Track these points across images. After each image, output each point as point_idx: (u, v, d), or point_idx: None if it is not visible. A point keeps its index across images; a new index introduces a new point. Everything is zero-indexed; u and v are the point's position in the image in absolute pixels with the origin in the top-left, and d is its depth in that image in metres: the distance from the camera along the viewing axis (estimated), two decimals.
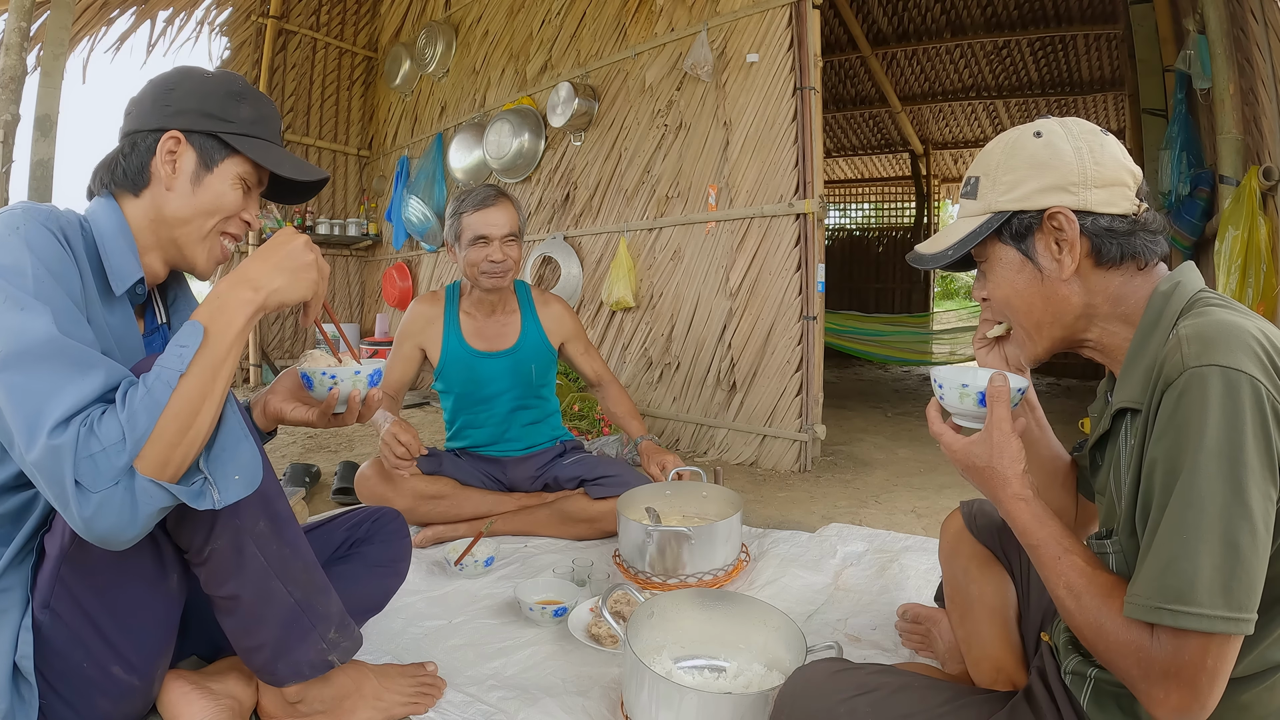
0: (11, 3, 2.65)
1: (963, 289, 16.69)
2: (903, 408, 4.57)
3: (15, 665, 0.90)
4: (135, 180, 1.01)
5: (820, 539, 1.99)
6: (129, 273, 0.99)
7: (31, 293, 0.82)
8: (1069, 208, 0.78)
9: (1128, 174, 0.79)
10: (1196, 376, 0.65)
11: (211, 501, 0.84)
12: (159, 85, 1.03)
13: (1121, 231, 0.78)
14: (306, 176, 1.10)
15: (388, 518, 1.43)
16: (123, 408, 0.79)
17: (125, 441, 0.78)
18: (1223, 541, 0.62)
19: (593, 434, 3.22)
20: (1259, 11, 2.21)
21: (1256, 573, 0.63)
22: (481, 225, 1.94)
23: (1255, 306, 2.16)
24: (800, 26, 2.87)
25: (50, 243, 0.88)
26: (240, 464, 0.88)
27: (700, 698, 1.01)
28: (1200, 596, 0.62)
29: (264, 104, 1.08)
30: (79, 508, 0.76)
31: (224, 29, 5.14)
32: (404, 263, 5.40)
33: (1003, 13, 6.35)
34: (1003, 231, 0.83)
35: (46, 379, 0.78)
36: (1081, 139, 0.79)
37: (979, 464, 0.83)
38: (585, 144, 3.92)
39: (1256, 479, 0.62)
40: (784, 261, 2.95)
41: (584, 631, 1.44)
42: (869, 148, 9.27)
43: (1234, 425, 0.63)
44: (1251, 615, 0.63)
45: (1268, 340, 0.66)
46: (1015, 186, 0.81)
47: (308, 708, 1.09)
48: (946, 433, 0.88)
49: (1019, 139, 0.82)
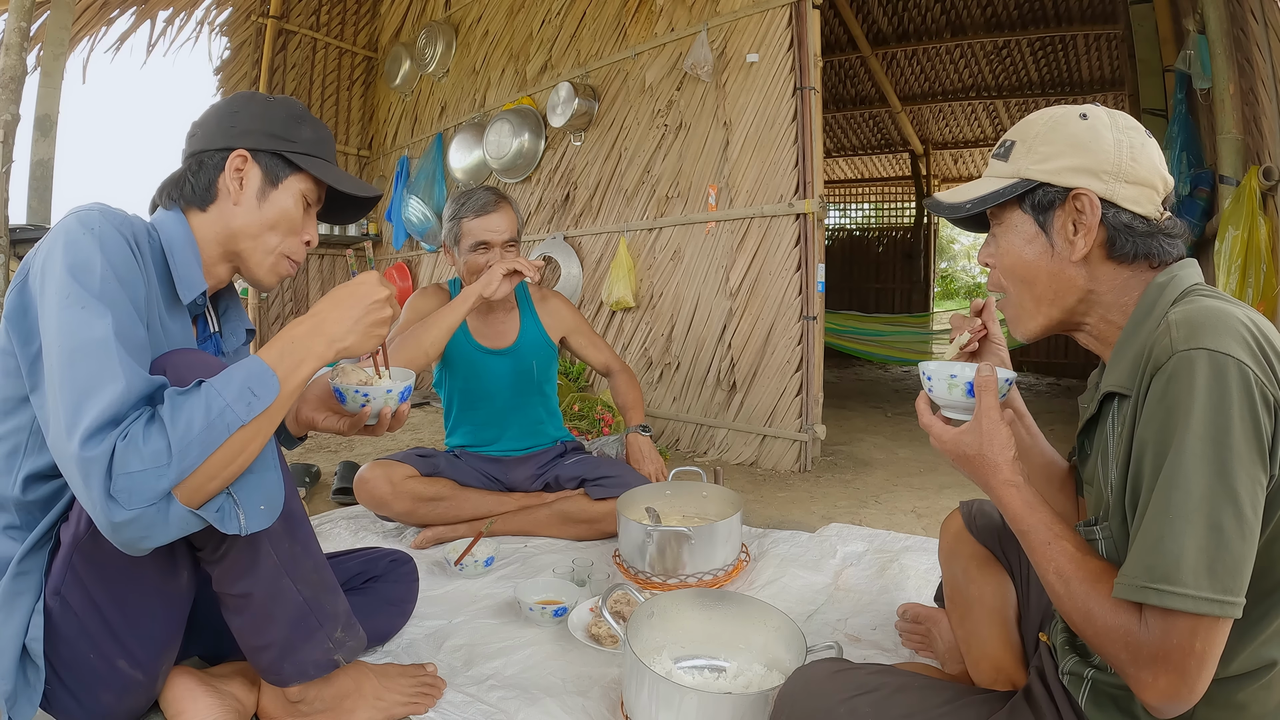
0: (11, 3, 2.65)
1: (963, 289, 16.69)
2: (903, 408, 4.57)
3: (25, 648, 0.91)
4: (203, 196, 1.06)
5: (820, 539, 1.99)
6: (195, 283, 1.03)
7: (97, 292, 0.84)
8: (1096, 193, 0.78)
9: (1160, 180, 0.79)
10: (1184, 360, 0.65)
11: (238, 527, 0.86)
12: (223, 109, 1.09)
13: (1140, 231, 0.78)
14: (364, 193, 1.17)
15: (403, 560, 1.47)
16: (174, 428, 0.79)
17: (170, 467, 0.78)
18: (1207, 524, 0.62)
19: (593, 434, 3.22)
20: (1259, 11, 2.21)
21: (1242, 556, 0.63)
22: (482, 231, 1.93)
23: (1255, 306, 2.16)
24: (800, 26, 2.87)
25: (121, 247, 0.91)
26: (267, 494, 0.90)
27: (700, 698, 1.01)
28: (1185, 577, 0.62)
29: (321, 128, 1.15)
30: (108, 514, 0.77)
31: (224, 29, 5.14)
32: (404, 263, 5.40)
33: (1003, 13, 6.35)
34: (1025, 199, 0.83)
35: (90, 377, 0.79)
36: (1124, 133, 0.79)
37: (969, 453, 0.83)
38: (585, 144, 3.92)
39: (1243, 462, 0.63)
40: (784, 261, 2.95)
41: (584, 631, 1.44)
42: (869, 148, 9.27)
43: (1220, 409, 0.63)
44: (1238, 599, 0.63)
45: (1256, 327, 0.67)
46: (1049, 159, 0.81)
47: (308, 707, 1.09)
48: (936, 424, 0.88)
49: (1065, 115, 0.82)
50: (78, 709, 0.96)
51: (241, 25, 5.18)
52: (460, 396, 2.13)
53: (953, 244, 17.05)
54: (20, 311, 0.89)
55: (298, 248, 1.13)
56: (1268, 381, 0.64)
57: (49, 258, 0.87)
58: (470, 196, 1.98)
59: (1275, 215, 2.15)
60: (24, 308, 0.89)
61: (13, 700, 0.90)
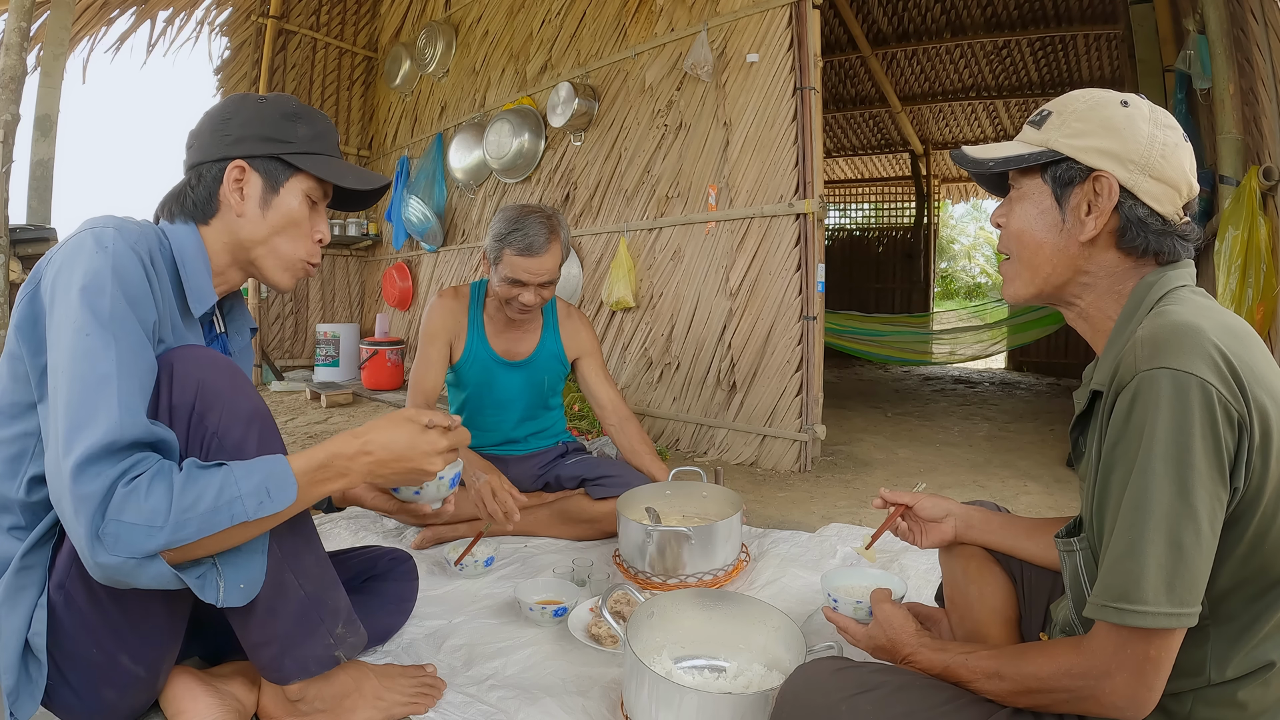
0: (11, 3, 2.65)
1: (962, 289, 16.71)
2: (903, 408, 4.57)
3: (28, 643, 0.91)
4: (205, 209, 1.05)
5: (820, 539, 1.99)
6: (206, 297, 1.03)
7: (106, 319, 0.85)
8: (1118, 179, 0.79)
9: (1185, 184, 0.80)
10: (1147, 380, 0.67)
11: (215, 599, 0.87)
12: (215, 117, 1.07)
13: (1153, 229, 0.79)
14: (369, 185, 1.14)
15: (402, 558, 1.47)
16: (180, 496, 0.80)
17: (162, 531, 0.79)
18: (1168, 541, 0.65)
19: (593, 434, 3.22)
20: (1259, 11, 2.21)
21: (1199, 570, 0.66)
22: (522, 271, 1.82)
23: (1255, 306, 2.16)
24: (800, 26, 2.87)
25: (134, 267, 0.91)
26: (250, 577, 0.91)
27: (700, 698, 1.01)
28: (1146, 594, 0.65)
29: (319, 120, 1.11)
30: (91, 552, 0.79)
31: (224, 29, 5.14)
32: (404, 263, 5.40)
33: (1003, 13, 6.36)
34: (1048, 169, 0.84)
35: (86, 409, 0.81)
36: (1161, 130, 0.79)
37: (881, 643, 0.98)
38: (585, 144, 3.92)
39: (1203, 479, 0.65)
40: (784, 261, 2.95)
41: (584, 631, 1.44)
42: (869, 148, 9.27)
43: (1181, 428, 0.65)
44: (1193, 609, 0.66)
45: (1224, 344, 0.67)
46: (1081, 136, 0.81)
47: (308, 706, 1.09)
48: (850, 625, 1.06)
49: (1107, 98, 0.83)
50: (79, 705, 0.96)
51: (241, 25, 5.18)
52: (471, 402, 2.11)
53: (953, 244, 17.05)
54: (30, 321, 0.89)
55: (312, 249, 1.12)
56: (1231, 397, 0.65)
57: (61, 274, 0.87)
58: (521, 227, 1.81)
59: (1275, 215, 2.15)
60: (34, 317, 0.89)
61: (14, 695, 0.90)
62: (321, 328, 5.32)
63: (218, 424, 0.92)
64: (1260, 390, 0.67)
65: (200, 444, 0.91)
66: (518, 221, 1.83)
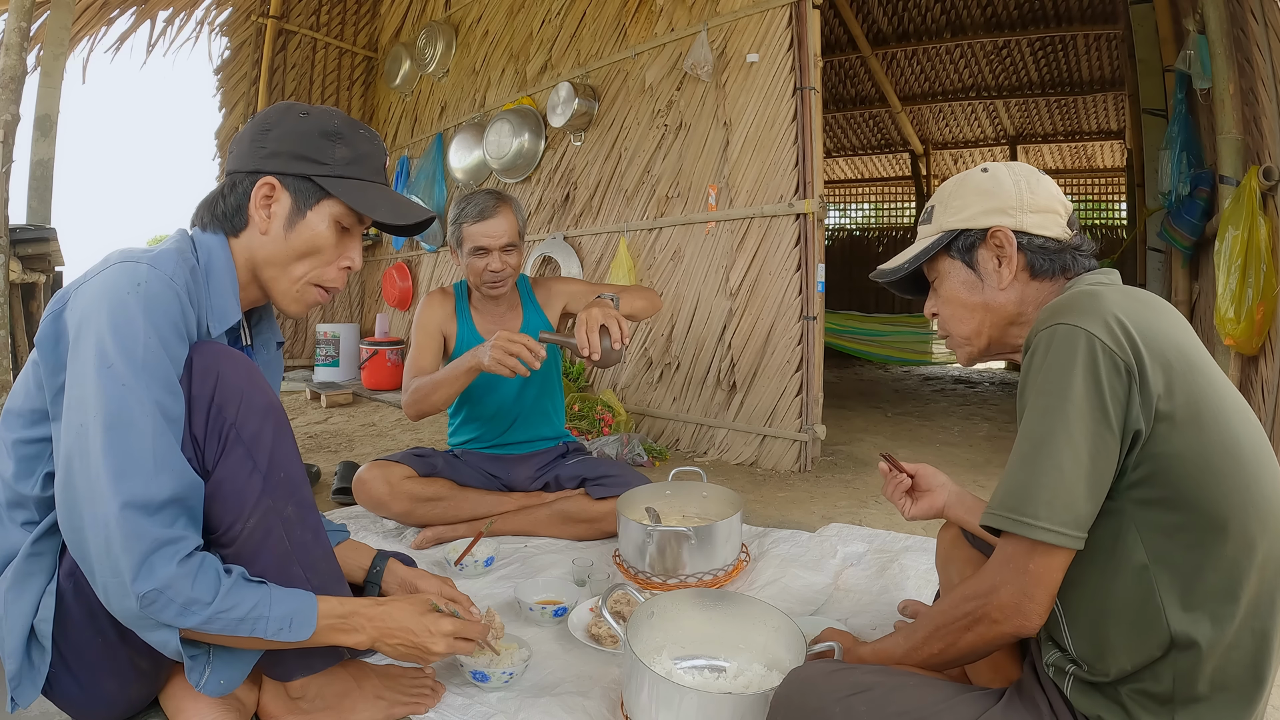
0: (11, 3, 2.65)
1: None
2: (903, 408, 4.57)
3: (33, 629, 0.92)
4: (234, 221, 1.03)
5: (820, 539, 1.99)
6: (230, 315, 1.02)
7: (140, 362, 0.86)
8: (1008, 227, 0.92)
9: (1059, 205, 0.93)
10: (1044, 335, 0.77)
11: (196, 682, 0.92)
12: (258, 125, 1.04)
13: (1052, 250, 0.92)
14: (404, 220, 1.08)
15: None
16: (223, 599, 0.86)
17: (193, 616, 0.85)
18: (1050, 463, 0.73)
19: (593, 434, 3.22)
20: (1259, 11, 2.21)
21: (1079, 496, 0.72)
22: (480, 236, 1.93)
23: (1255, 306, 2.16)
24: (800, 26, 2.87)
25: (169, 304, 0.90)
26: (232, 677, 0.95)
27: (700, 698, 1.01)
28: (1027, 507, 0.74)
29: (362, 141, 1.06)
30: (106, 595, 0.84)
31: (224, 29, 5.14)
32: (404, 263, 5.41)
33: (1003, 13, 6.36)
34: (951, 247, 0.97)
35: (129, 455, 0.83)
36: (1020, 175, 0.94)
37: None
38: (585, 144, 3.92)
39: (1083, 416, 0.72)
40: (784, 261, 2.95)
41: (584, 631, 1.44)
42: (869, 148, 9.28)
43: (1065, 368, 0.73)
44: (1073, 533, 0.72)
45: (1121, 307, 0.75)
46: (963, 209, 0.95)
47: (309, 704, 1.09)
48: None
49: (969, 175, 0.98)
50: (80, 695, 0.96)
51: (241, 25, 5.18)
52: (468, 391, 2.11)
53: None
54: (52, 340, 0.90)
55: (334, 275, 1.08)
56: (1118, 349, 0.72)
57: (91, 308, 0.87)
58: (470, 200, 1.97)
59: (1275, 215, 2.15)
60: (56, 336, 0.90)
61: (17, 680, 0.91)
62: (321, 328, 5.32)
63: (236, 415, 0.93)
64: (1164, 346, 0.73)
65: (219, 434, 0.93)
66: (467, 199, 1.98)
